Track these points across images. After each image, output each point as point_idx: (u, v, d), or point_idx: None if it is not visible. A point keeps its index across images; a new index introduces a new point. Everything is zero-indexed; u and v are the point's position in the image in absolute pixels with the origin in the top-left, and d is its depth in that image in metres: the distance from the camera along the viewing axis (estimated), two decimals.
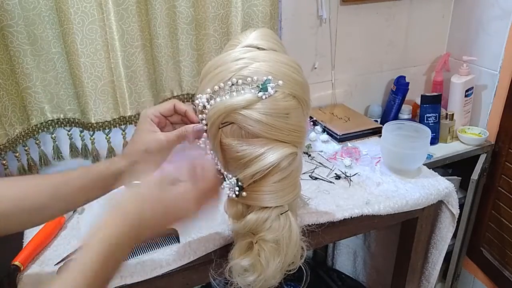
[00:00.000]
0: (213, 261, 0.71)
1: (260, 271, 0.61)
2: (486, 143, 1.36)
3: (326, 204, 0.89)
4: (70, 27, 0.90)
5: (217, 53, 1.06)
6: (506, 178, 1.37)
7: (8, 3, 0.85)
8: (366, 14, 1.32)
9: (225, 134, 0.61)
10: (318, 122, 1.25)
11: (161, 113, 0.67)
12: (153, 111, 0.67)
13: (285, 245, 0.62)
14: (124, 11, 0.93)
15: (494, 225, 1.45)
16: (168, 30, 1.02)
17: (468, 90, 1.36)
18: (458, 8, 1.44)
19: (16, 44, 0.90)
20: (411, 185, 0.96)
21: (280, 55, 0.63)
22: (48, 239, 0.80)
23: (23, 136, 0.97)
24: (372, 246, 1.35)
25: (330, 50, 1.32)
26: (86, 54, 0.93)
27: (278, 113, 0.60)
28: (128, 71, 0.99)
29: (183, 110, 0.67)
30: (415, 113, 1.44)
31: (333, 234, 0.88)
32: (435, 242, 1.07)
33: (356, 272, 1.46)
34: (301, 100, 0.63)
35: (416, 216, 0.97)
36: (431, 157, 1.27)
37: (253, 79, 0.59)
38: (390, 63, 1.45)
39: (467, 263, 1.59)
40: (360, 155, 1.09)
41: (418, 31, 1.44)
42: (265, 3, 1.03)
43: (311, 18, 1.25)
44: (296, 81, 0.62)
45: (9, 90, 0.91)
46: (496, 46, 1.31)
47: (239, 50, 0.63)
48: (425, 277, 1.12)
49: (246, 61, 0.60)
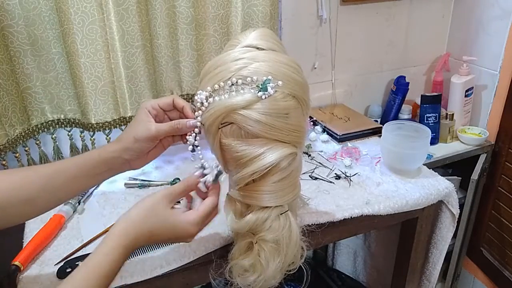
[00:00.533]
0: (213, 261, 0.71)
1: (260, 271, 0.61)
2: (486, 143, 1.36)
3: (326, 204, 0.89)
4: (70, 27, 0.90)
5: (217, 53, 1.06)
6: (506, 178, 1.37)
7: (8, 3, 0.85)
8: (366, 14, 1.32)
9: (225, 134, 0.61)
10: (318, 122, 1.25)
11: (159, 106, 0.67)
12: (152, 103, 0.67)
13: (285, 245, 0.62)
14: (124, 11, 0.93)
15: (494, 225, 1.45)
16: (168, 30, 1.02)
17: (468, 90, 1.36)
18: (458, 8, 1.44)
19: (16, 45, 0.90)
20: (411, 185, 0.96)
21: (280, 55, 0.63)
22: (48, 239, 0.80)
23: (23, 137, 0.97)
24: (372, 246, 1.35)
25: (330, 50, 1.32)
26: (86, 54, 0.93)
27: (278, 113, 0.60)
28: (128, 71, 0.99)
29: (181, 106, 0.67)
30: (415, 113, 1.44)
31: (333, 234, 0.88)
32: (435, 242, 1.07)
33: (356, 272, 1.46)
34: (300, 100, 0.63)
35: (416, 216, 0.97)
36: (431, 157, 1.27)
37: (253, 79, 0.59)
38: (390, 63, 1.45)
39: (467, 263, 1.59)
40: (360, 155, 1.09)
41: (418, 31, 1.44)
42: (265, 3, 1.03)
43: (311, 18, 1.25)
44: (295, 81, 0.62)
45: (10, 90, 0.91)
46: (496, 46, 1.31)
47: (238, 50, 0.63)
48: (426, 276, 1.12)
49: (245, 61, 0.60)
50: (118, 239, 0.56)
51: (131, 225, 0.58)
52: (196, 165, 0.66)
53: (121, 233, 0.57)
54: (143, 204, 0.60)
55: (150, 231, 0.58)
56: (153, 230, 0.59)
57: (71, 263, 0.74)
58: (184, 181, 0.65)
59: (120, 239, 0.56)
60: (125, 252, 0.57)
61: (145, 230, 0.58)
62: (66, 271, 0.73)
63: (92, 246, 0.80)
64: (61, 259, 0.76)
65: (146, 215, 0.59)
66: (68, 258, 0.76)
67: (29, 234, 0.81)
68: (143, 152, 0.66)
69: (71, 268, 0.73)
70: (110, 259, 0.55)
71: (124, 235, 0.57)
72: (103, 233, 0.82)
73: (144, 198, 0.61)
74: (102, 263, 0.54)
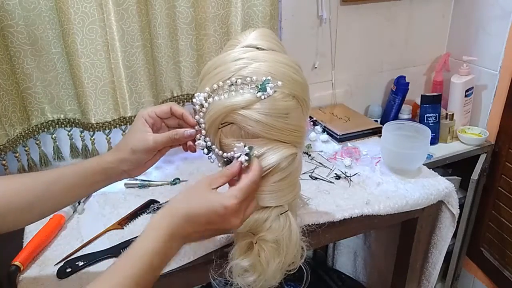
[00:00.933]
0: (213, 261, 0.71)
1: (260, 271, 0.61)
2: (486, 143, 1.36)
3: (326, 204, 0.89)
4: (70, 27, 0.90)
5: (217, 53, 1.06)
6: (506, 178, 1.37)
7: (8, 3, 0.85)
8: (366, 14, 1.32)
9: (225, 134, 0.61)
10: (318, 122, 1.25)
11: (156, 115, 0.67)
12: (149, 112, 0.66)
13: (285, 245, 0.62)
14: (124, 11, 0.93)
15: (494, 225, 1.45)
16: (168, 30, 1.02)
17: (468, 90, 1.36)
18: (458, 8, 1.44)
19: (16, 44, 0.90)
20: (411, 185, 0.96)
21: (280, 55, 0.63)
22: (48, 239, 0.80)
23: (23, 137, 0.97)
24: (372, 246, 1.35)
25: (330, 50, 1.32)
26: (86, 54, 0.93)
27: (278, 113, 0.60)
28: (128, 71, 0.99)
29: (180, 113, 0.66)
30: (415, 113, 1.44)
31: (333, 234, 0.88)
32: (435, 242, 1.07)
33: (356, 272, 1.46)
34: (300, 100, 0.63)
35: (416, 216, 0.97)
36: (431, 157, 1.27)
37: (252, 79, 0.59)
38: (390, 63, 1.45)
39: (467, 263, 1.59)
40: (360, 155, 1.09)
41: (418, 31, 1.44)
42: (265, 3, 1.03)
43: (311, 18, 1.25)
44: (295, 81, 0.62)
45: (9, 90, 0.91)
46: (496, 46, 1.31)
47: (238, 50, 0.63)
48: (426, 276, 1.12)
49: (245, 61, 0.60)
50: (160, 225, 0.54)
51: (170, 211, 0.56)
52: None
53: (162, 219, 0.55)
54: (182, 192, 0.59)
55: (187, 214, 0.56)
56: (191, 211, 0.56)
57: (71, 263, 0.74)
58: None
59: (162, 225, 0.54)
60: (170, 239, 0.54)
61: (184, 213, 0.55)
62: (66, 271, 0.73)
63: (92, 246, 0.80)
64: (61, 259, 0.76)
65: (186, 197, 0.58)
66: (68, 258, 0.76)
67: (29, 234, 0.81)
68: (140, 163, 0.66)
69: (71, 268, 0.73)
70: (156, 246, 0.53)
71: (166, 222, 0.55)
72: (103, 233, 0.82)
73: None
74: (146, 250, 0.52)
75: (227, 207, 0.56)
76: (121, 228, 0.84)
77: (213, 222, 0.57)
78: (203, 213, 0.56)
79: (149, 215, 0.88)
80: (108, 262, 0.76)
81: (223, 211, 0.56)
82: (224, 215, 0.56)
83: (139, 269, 0.51)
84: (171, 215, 0.55)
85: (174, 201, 0.58)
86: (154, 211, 0.89)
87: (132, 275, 0.50)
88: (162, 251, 0.53)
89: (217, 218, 0.56)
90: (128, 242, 0.79)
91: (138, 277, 0.51)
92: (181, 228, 0.55)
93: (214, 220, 0.56)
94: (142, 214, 0.88)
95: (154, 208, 0.89)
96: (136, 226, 0.85)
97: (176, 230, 0.55)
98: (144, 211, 0.89)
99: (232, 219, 0.57)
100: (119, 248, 0.78)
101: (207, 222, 0.56)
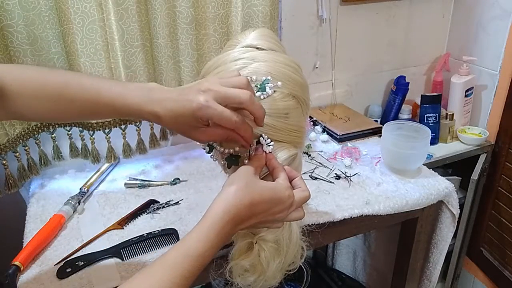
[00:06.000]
0: (213, 261, 0.71)
1: (260, 271, 0.61)
2: (486, 143, 1.36)
3: (326, 204, 0.89)
4: (70, 27, 0.90)
5: (217, 53, 1.06)
6: (506, 178, 1.37)
7: (8, 3, 0.85)
8: (366, 14, 1.32)
9: None
10: (318, 122, 1.25)
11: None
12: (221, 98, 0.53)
13: (285, 245, 0.62)
14: (124, 11, 0.93)
15: (494, 225, 1.45)
16: (168, 30, 1.02)
17: (468, 90, 1.36)
18: (458, 8, 1.44)
19: (16, 44, 0.90)
20: (411, 185, 0.96)
21: (279, 55, 0.63)
22: (48, 239, 0.80)
23: (23, 136, 0.97)
24: (372, 246, 1.35)
25: (330, 50, 1.32)
26: (86, 54, 0.93)
27: (278, 113, 0.60)
28: (128, 71, 0.99)
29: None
30: (415, 113, 1.44)
31: (333, 234, 0.88)
32: (435, 242, 1.07)
33: (356, 272, 1.47)
34: (300, 100, 0.63)
35: (416, 216, 0.97)
36: (431, 157, 1.27)
37: (252, 79, 0.59)
38: (390, 63, 1.45)
39: (467, 263, 1.59)
40: (360, 155, 1.09)
41: (418, 31, 1.44)
42: (265, 3, 1.03)
43: (311, 18, 1.25)
44: (295, 81, 0.62)
45: None
46: (496, 46, 1.31)
47: (238, 50, 0.63)
48: (427, 276, 1.12)
49: (245, 61, 0.60)
50: (218, 217, 0.52)
51: (228, 201, 0.53)
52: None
53: (219, 210, 0.53)
54: (234, 184, 0.54)
55: (251, 202, 0.53)
56: (254, 199, 0.54)
57: (71, 263, 0.74)
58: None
59: (221, 216, 0.53)
60: (229, 231, 0.53)
61: (246, 201, 0.53)
62: (66, 271, 0.73)
63: (92, 246, 0.79)
64: (61, 259, 0.76)
65: (246, 185, 0.54)
66: (68, 258, 0.76)
67: (29, 234, 0.81)
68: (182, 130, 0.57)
69: (71, 268, 0.73)
70: (212, 237, 0.53)
71: (225, 212, 0.53)
72: (103, 233, 0.82)
73: (228, 182, 0.55)
74: (200, 243, 0.52)
75: (288, 195, 0.56)
76: (121, 228, 0.84)
77: (271, 208, 0.56)
78: (265, 201, 0.55)
79: (148, 215, 0.88)
80: (108, 262, 0.75)
81: (285, 197, 0.56)
82: (285, 202, 0.56)
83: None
84: (227, 211, 0.53)
85: (228, 195, 0.54)
86: (154, 211, 0.89)
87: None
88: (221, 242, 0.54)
89: (277, 205, 0.56)
90: (128, 242, 0.79)
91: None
92: (237, 218, 0.53)
93: (273, 207, 0.56)
94: (142, 214, 0.88)
95: (154, 208, 0.89)
96: (136, 226, 0.85)
97: (233, 223, 0.53)
98: (144, 211, 0.89)
99: (285, 211, 0.57)
100: (119, 248, 0.78)
101: (265, 208, 0.55)
